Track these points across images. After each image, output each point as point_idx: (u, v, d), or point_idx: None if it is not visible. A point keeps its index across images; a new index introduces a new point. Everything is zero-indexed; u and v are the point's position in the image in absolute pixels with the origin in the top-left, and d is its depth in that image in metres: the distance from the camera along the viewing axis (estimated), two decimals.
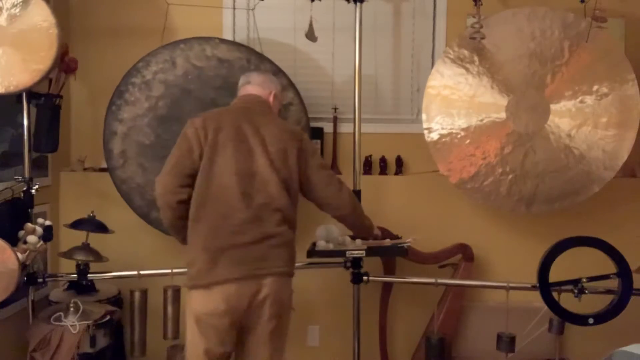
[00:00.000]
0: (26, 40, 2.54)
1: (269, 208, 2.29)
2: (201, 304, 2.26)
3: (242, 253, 2.24)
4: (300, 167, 2.40)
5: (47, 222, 2.75)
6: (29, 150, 2.82)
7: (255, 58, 3.16)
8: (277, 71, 3.16)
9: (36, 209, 2.87)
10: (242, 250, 2.24)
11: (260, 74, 2.63)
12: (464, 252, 3.34)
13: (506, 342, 2.84)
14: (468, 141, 3.14)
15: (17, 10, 2.54)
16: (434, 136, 3.16)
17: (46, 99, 2.89)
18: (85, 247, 2.94)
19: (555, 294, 2.78)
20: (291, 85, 3.17)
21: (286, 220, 2.33)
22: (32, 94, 2.79)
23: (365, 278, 2.95)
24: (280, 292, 2.30)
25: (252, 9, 3.27)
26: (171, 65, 3.10)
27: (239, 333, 2.33)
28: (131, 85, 3.08)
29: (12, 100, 2.79)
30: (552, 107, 3.11)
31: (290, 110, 3.19)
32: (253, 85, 2.53)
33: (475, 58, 3.12)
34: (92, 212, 3.01)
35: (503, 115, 3.12)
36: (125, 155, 3.11)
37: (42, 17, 2.55)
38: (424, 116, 3.17)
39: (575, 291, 2.78)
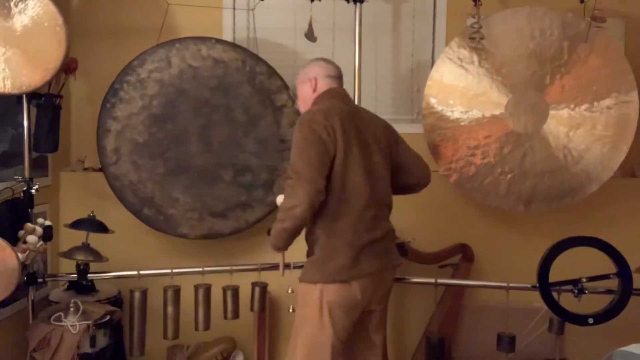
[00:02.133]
0: (35, 40, 2.57)
1: (383, 204, 2.41)
2: (339, 296, 2.29)
3: (377, 247, 2.35)
4: (397, 157, 2.50)
5: (47, 222, 2.76)
6: (29, 150, 2.82)
7: (250, 59, 3.17)
8: (272, 73, 3.18)
9: (36, 209, 2.87)
10: (377, 244, 2.35)
11: (334, 65, 2.53)
12: (464, 252, 3.35)
13: (506, 342, 2.84)
14: (468, 141, 3.14)
15: (24, 11, 2.55)
16: (434, 136, 3.17)
17: (46, 99, 2.90)
18: (85, 247, 2.94)
19: (555, 294, 2.78)
20: (285, 87, 3.19)
21: (389, 216, 2.47)
22: (32, 94, 2.79)
23: None
24: (392, 282, 2.51)
25: (252, 9, 3.28)
26: (166, 64, 3.11)
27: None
28: (126, 83, 3.09)
29: (12, 100, 2.79)
30: (551, 107, 3.11)
31: (283, 112, 3.20)
32: (334, 79, 2.49)
33: (475, 58, 3.12)
34: (92, 212, 3.01)
35: (502, 115, 3.12)
36: (118, 153, 3.12)
37: (49, 16, 2.57)
38: (423, 114, 3.18)
39: (575, 291, 2.78)
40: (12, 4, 2.55)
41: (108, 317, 2.77)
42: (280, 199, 2.40)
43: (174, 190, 3.16)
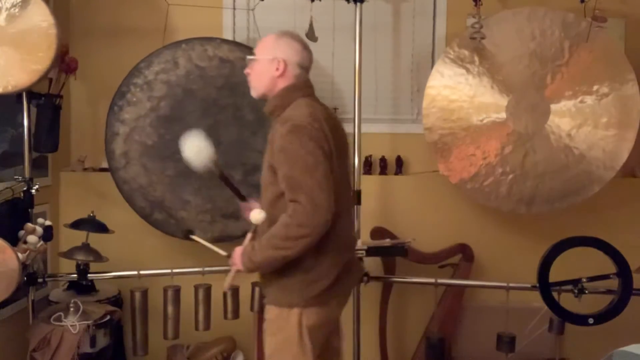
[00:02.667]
0: (25, 40, 2.53)
1: (352, 214, 2.35)
2: (320, 318, 2.11)
3: (351, 262, 2.23)
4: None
5: (47, 222, 2.76)
6: (29, 150, 2.82)
7: None
8: None
9: (36, 209, 2.87)
10: (351, 259, 2.26)
11: (310, 55, 2.18)
12: (464, 252, 3.34)
13: (506, 342, 2.84)
14: (468, 141, 3.14)
15: (17, 10, 2.52)
16: (434, 136, 3.16)
17: (46, 99, 2.90)
18: (85, 247, 2.94)
19: (555, 294, 2.78)
20: None
21: None
22: (32, 94, 2.79)
23: (365, 278, 2.95)
24: None
25: (252, 9, 3.27)
26: (173, 65, 3.09)
27: None
28: (133, 85, 3.07)
29: (12, 100, 2.79)
30: (552, 107, 3.11)
31: None
32: (305, 72, 2.17)
33: (476, 58, 3.12)
34: (92, 212, 3.01)
35: (503, 115, 3.12)
36: (127, 156, 3.09)
37: (41, 17, 2.54)
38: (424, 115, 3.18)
39: (575, 291, 2.78)
40: (3, 3, 2.51)
41: (108, 317, 2.78)
42: (257, 216, 2.09)
43: (184, 192, 3.12)
